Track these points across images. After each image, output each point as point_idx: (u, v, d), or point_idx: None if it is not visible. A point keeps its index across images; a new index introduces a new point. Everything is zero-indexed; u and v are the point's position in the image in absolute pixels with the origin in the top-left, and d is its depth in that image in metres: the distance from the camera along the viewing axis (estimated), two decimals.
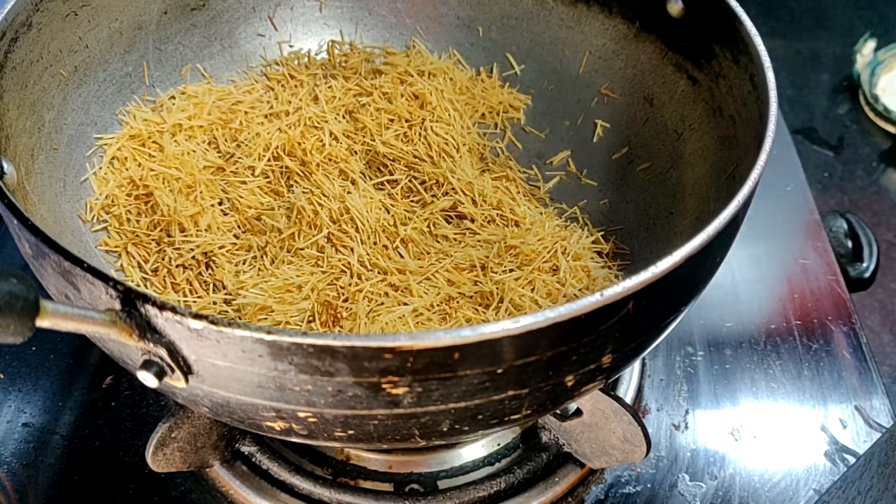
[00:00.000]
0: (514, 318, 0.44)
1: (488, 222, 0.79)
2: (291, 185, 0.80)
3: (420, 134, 0.85)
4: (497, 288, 0.71)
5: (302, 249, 0.74)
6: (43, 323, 0.42)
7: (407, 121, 0.86)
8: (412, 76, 0.89)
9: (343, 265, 0.72)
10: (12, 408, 0.80)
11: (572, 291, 0.72)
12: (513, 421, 0.54)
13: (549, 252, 0.75)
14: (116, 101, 0.81)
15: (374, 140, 0.84)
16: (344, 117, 0.86)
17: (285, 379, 0.46)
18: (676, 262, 0.48)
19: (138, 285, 0.72)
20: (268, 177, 0.81)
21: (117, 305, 0.46)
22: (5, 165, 0.61)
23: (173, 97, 0.85)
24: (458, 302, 0.71)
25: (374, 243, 0.75)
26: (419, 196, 0.81)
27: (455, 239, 0.78)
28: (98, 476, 0.75)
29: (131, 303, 0.45)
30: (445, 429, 0.51)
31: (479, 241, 0.77)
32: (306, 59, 0.93)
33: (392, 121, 0.85)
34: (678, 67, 0.79)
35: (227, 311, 0.72)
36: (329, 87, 0.88)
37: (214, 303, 0.72)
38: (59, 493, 0.74)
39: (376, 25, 0.95)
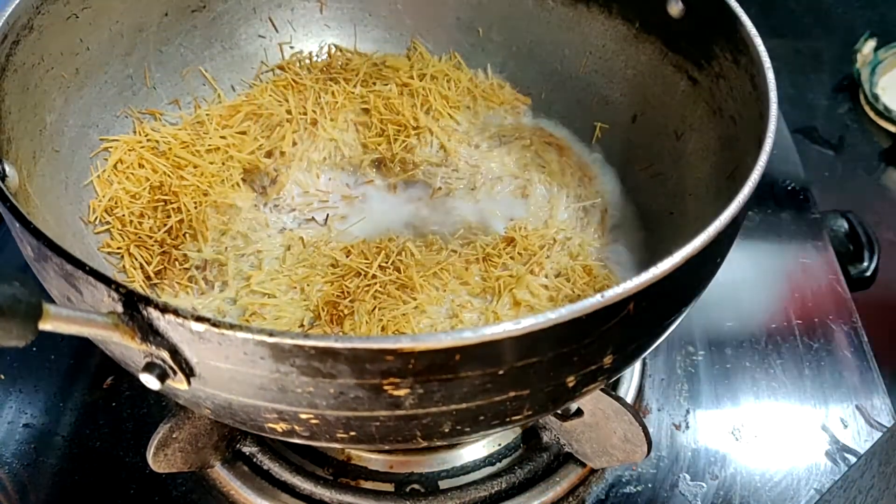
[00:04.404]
0: (515, 319, 0.44)
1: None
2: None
3: (427, 140, 0.85)
4: (499, 284, 0.72)
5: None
6: (45, 326, 0.42)
7: (415, 128, 0.86)
8: (413, 79, 0.90)
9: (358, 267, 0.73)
10: (13, 409, 0.80)
11: (574, 291, 0.72)
12: (514, 421, 0.54)
13: (548, 249, 0.75)
14: (118, 103, 0.81)
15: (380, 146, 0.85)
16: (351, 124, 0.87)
17: (287, 381, 0.46)
18: (677, 262, 0.48)
19: (141, 286, 0.72)
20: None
21: (119, 308, 0.46)
22: (7, 168, 0.61)
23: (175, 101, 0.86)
24: (460, 297, 0.72)
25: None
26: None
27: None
28: (99, 477, 0.75)
29: (133, 305, 0.45)
30: (447, 430, 0.51)
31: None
32: (308, 62, 0.93)
33: (399, 130, 0.86)
34: (678, 68, 0.79)
35: (229, 311, 0.72)
36: (332, 93, 0.88)
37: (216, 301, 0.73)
38: (59, 493, 0.74)
39: (377, 26, 0.95)
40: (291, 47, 0.94)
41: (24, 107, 0.67)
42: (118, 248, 0.75)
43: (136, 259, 0.74)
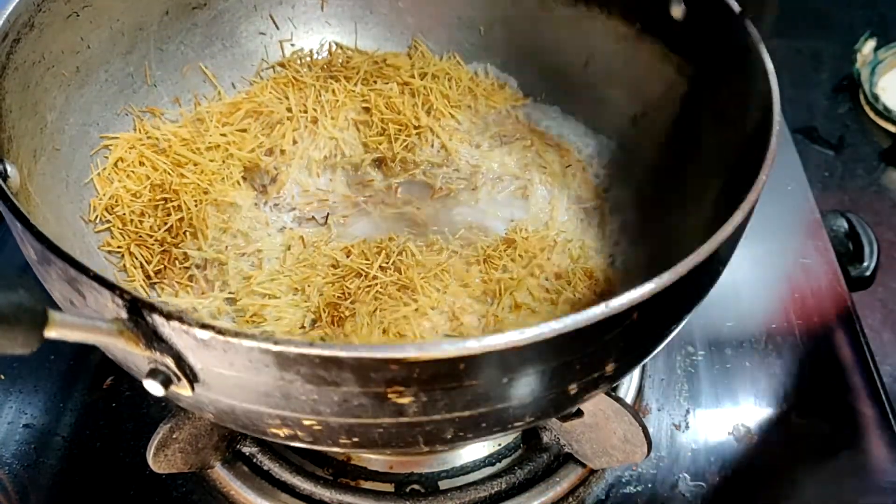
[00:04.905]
0: (515, 321, 0.44)
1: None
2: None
3: (428, 139, 0.85)
4: (500, 286, 0.72)
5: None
6: (51, 334, 0.42)
7: (416, 127, 0.86)
8: (414, 78, 0.89)
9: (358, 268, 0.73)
10: (13, 409, 0.80)
11: (575, 294, 0.72)
12: (515, 427, 0.54)
13: (548, 251, 0.75)
14: (118, 102, 0.80)
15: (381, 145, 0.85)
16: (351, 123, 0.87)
17: (291, 388, 0.46)
18: (681, 272, 0.48)
19: (141, 285, 0.72)
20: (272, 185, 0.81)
21: (124, 314, 0.46)
22: (8, 168, 0.61)
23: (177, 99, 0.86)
24: (461, 299, 0.72)
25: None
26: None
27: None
28: (99, 477, 0.75)
29: (138, 312, 0.45)
30: (449, 436, 0.51)
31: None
32: (308, 59, 0.93)
33: (400, 129, 0.86)
34: (679, 68, 0.79)
35: (229, 312, 0.72)
36: (332, 91, 0.87)
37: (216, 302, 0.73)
38: (59, 494, 0.74)
39: (378, 24, 0.94)
40: (292, 45, 0.93)
41: (25, 105, 0.67)
42: (118, 246, 0.74)
43: (137, 258, 0.74)
